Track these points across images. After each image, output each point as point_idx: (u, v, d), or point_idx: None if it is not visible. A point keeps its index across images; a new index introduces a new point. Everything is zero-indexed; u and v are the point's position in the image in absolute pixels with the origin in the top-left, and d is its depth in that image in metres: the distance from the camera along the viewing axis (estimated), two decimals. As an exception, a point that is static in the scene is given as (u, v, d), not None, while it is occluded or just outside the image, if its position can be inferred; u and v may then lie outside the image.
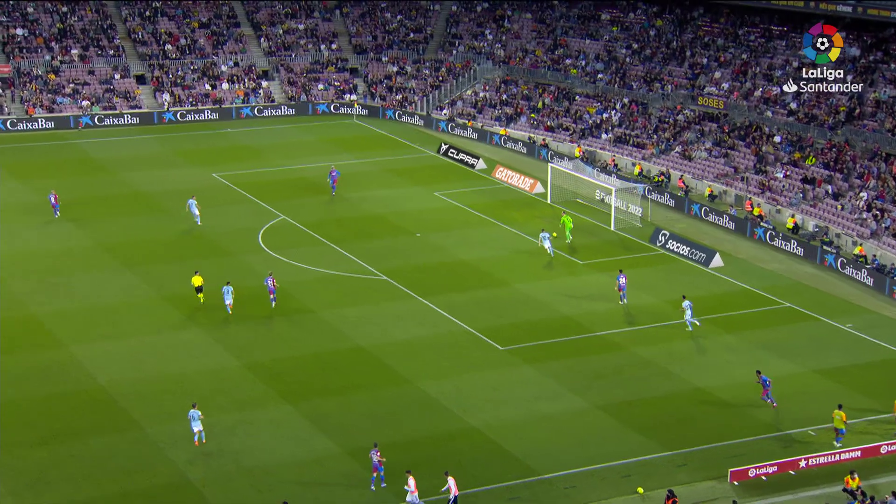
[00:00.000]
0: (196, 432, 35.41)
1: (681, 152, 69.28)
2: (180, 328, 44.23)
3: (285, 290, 48.22)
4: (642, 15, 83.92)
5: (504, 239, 56.81)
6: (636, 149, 71.59)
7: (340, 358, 42.09)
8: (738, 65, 73.89)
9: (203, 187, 63.86)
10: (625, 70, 79.49)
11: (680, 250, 54.94)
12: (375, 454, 33.44)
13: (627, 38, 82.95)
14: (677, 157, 69.19)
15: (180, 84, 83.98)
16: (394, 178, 67.13)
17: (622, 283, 47.82)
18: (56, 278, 48.85)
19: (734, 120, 70.24)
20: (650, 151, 70.63)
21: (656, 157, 70.03)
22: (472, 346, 43.56)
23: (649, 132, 72.64)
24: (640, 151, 71.12)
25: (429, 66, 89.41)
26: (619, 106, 76.59)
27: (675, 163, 68.54)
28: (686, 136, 70.75)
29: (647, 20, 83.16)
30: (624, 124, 74.78)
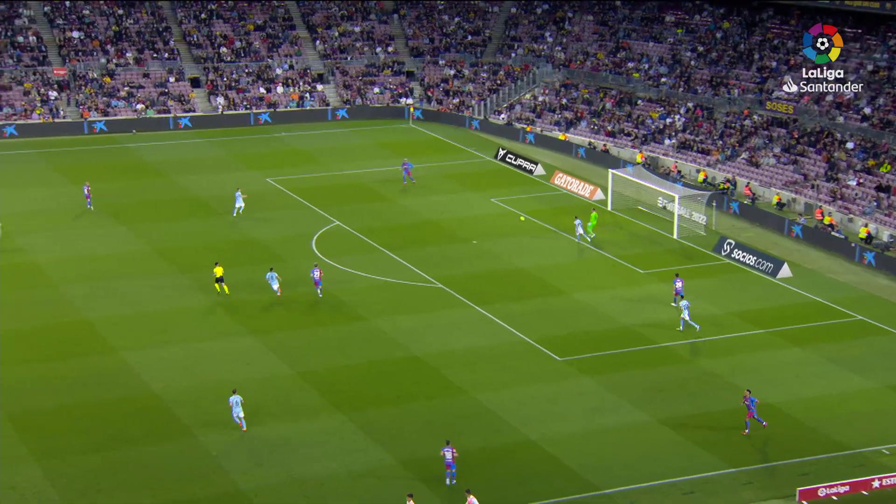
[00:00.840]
0: (238, 418, 36.50)
1: (747, 159, 68.59)
2: (233, 335, 44.79)
3: (339, 298, 48.59)
4: (708, 17, 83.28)
5: (562, 247, 56.68)
6: (701, 155, 71.02)
7: (395, 367, 42.30)
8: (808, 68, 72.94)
9: (257, 192, 64.59)
10: (689, 74, 78.92)
11: (746, 260, 54.38)
12: (449, 451, 33.98)
13: (693, 40, 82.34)
14: (744, 163, 68.50)
15: (234, 87, 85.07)
16: (449, 184, 67.32)
17: (678, 288, 48.16)
18: (109, 283, 49.75)
19: (804, 125, 69.38)
20: (715, 158, 70.01)
21: (722, 163, 69.41)
22: (529, 356, 43.53)
23: (714, 138, 72.03)
24: (705, 157, 70.54)
25: (487, 69, 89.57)
26: (683, 111, 76.05)
27: (742, 170, 67.87)
28: (753, 141, 70.03)
29: (714, 22, 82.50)
30: (688, 129, 74.23)
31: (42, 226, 57.50)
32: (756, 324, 46.98)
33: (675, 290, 48.42)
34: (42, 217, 59.05)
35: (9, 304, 46.93)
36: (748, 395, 37.34)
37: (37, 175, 67.05)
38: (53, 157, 71.30)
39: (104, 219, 59.09)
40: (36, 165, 69.55)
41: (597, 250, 56.10)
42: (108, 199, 62.40)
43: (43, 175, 67.04)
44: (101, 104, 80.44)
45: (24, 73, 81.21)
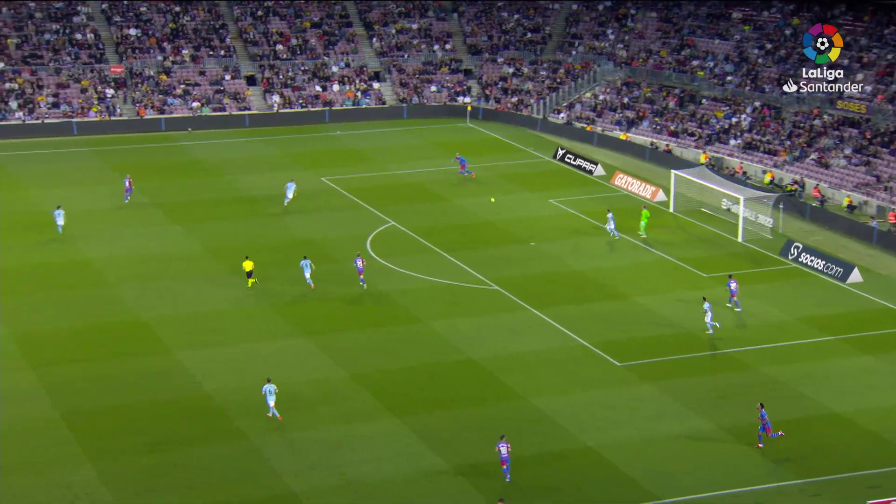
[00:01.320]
0: (271, 406, 37.47)
1: (817, 160, 67.53)
2: (287, 335, 45.10)
3: (394, 300, 48.71)
4: (777, 13, 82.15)
5: (623, 249, 56.26)
6: (767, 155, 70.09)
7: (450, 370, 42.28)
8: (882, 66, 71.67)
9: (311, 191, 65.00)
10: (756, 72, 77.93)
11: (814, 264, 53.53)
12: (504, 446, 34.08)
13: (760, 37, 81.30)
14: (813, 164, 67.46)
15: (290, 85, 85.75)
16: (507, 184, 67.19)
17: (733, 289, 48.05)
18: (163, 282, 50.38)
19: (877, 125, 68.13)
20: (783, 158, 69.04)
21: (789, 164, 68.43)
22: (587, 361, 43.26)
23: (782, 138, 71.05)
24: (772, 158, 69.60)
25: (546, 67, 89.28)
26: (749, 110, 75.13)
27: (811, 171, 66.84)
28: (823, 142, 68.94)
29: (783, 18, 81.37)
30: (754, 129, 73.31)
31: (97, 224, 58.41)
32: (824, 330, 46.21)
33: (730, 292, 48.30)
34: (97, 215, 59.99)
35: (64, 303, 47.74)
36: (760, 409, 36.70)
37: (92, 173, 68.15)
38: (109, 156, 72.42)
39: (159, 217, 59.86)
40: (91, 163, 70.72)
41: (658, 253, 55.60)
42: (162, 198, 63.22)
43: (98, 173, 68.11)
44: (157, 102, 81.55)
45: (81, 71, 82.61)
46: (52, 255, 53.40)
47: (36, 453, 35.73)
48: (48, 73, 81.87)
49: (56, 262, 52.51)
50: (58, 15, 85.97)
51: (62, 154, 72.94)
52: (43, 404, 38.85)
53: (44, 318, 46.08)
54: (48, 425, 37.43)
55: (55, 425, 37.47)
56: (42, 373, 41.12)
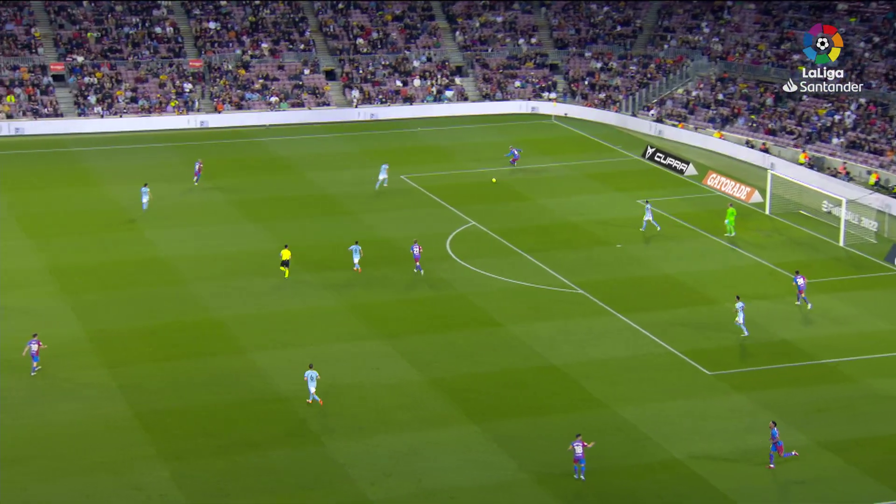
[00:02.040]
0: (312, 392, 39.10)
1: (926, 159, 65.85)
2: (362, 338, 45.42)
3: (473, 302, 48.76)
4: (885, 4, 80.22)
5: (714, 253, 55.53)
6: (873, 155, 68.54)
7: (531, 377, 42.16)
8: None
9: (391, 190, 65.39)
10: (862, 67, 76.23)
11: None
12: (580, 444, 34.55)
13: (867, 30, 79.50)
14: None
15: (370, 80, 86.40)
16: (593, 184, 66.78)
17: (801, 285, 48.16)
18: (239, 281, 51.13)
19: None
20: (890, 158, 67.46)
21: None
22: (676, 369, 42.77)
23: (889, 137, 69.42)
24: (878, 158, 68.04)
25: (636, 61, 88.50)
26: (854, 107, 73.55)
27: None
28: (932, 140, 67.21)
29: (892, 10, 79.43)
30: (859, 127, 71.75)
31: (172, 221, 59.52)
32: (932, 341, 45.11)
33: (797, 288, 48.19)
34: (172, 212, 61.13)
35: (139, 301, 48.75)
36: (773, 427, 35.90)
37: (168, 170, 69.46)
38: (186, 151, 73.79)
39: (235, 215, 60.78)
40: (168, 159, 72.12)
41: (752, 256, 54.74)
42: (240, 195, 64.19)
43: (175, 170, 69.41)
44: (234, 97, 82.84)
45: (159, 65, 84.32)
46: (128, 252, 54.59)
47: (110, 453, 36.52)
48: (127, 68, 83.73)
49: (131, 260, 53.65)
50: (138, 8, 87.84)
51: (139, 150, 74.50)
52: (118, 404, 39.70)
53: (119, 316, 47.11)
54: (122, 425, 38.24)
55: (129, 425, 38.26)
56: (117, 372, 42.03)
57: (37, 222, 58.74)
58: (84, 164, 70.66)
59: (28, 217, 59.57)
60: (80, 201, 62.82)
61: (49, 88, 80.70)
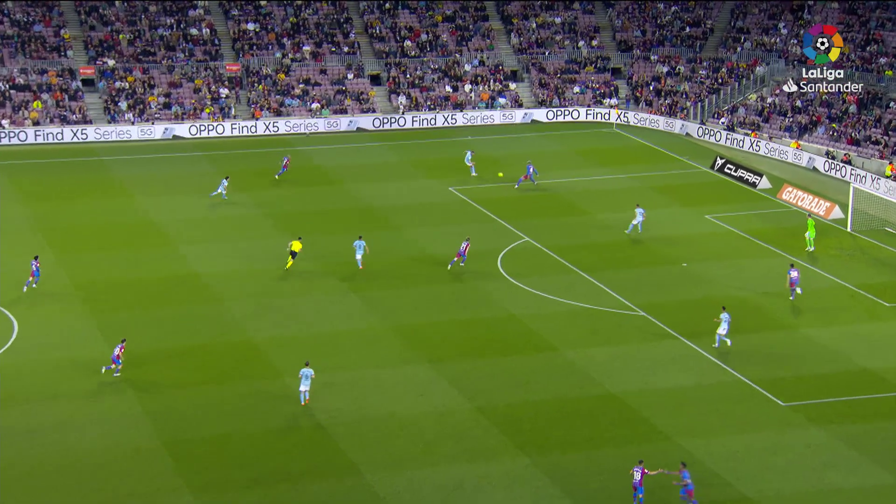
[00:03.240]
0: (302, 391, 41.31)
1: None
2: (406, 362, 45.46)
3: (526, 325, 48.61)
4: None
5: (791, 273, 54.97)
6: (965, 167, 67.55)
7: (587, 406, 41.94)
8: None
9: (438, 203, 65.48)
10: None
11: None
12: (639, 471, 35.08)
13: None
14: None
15: (418, 85, 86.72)
16: (657, 197, 66.41)
17: (794, 278, 50.71)
18: (276, 301, 51.42)
19: None
20: (983, 171, 66.44)
21: None
22: (747, 399, 42.33)
23: (983, 147, 68.35)
24: (971, 171, 67.04)
25: (706, 65, 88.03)
26: (943, 114, 72.55)
27: None
28: None
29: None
30: (950, 137, 70.74)
31: (207, 235, 60.07)
32: None
33: (789, 281, 50.58)
34: (206, 226, 61.70)
35: (168, 321, 49.17)
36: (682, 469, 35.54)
37: (202, 180, 70.13)
38: (221, 161, 74.46)
39: (272, 230, 61.18)
40: (202, 169, 72.83)
41: (831, 278, 54.09)
42: (277, 208, 64.64)
43: (209, 180, 70.07)
44: (273, 103, 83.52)
45: (195, 69, 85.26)
46: (159, 268, 55.13)
47: (136, 484, 36.81)
48: (160, 72, 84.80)
49: (163, 277, 54.17)
50: (173, 9, 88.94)
51: (171, 159, 75.33)
52: (145, 431, 40.03)
53: (146, 336, 47.54)
54: (149, 454, 38.54)
55: (156, 454, 38.56)
56: (144, 397, 42.39)
57: (63, 235, 59.56)
58: (113, 173, 71.57)
59: (54, 230, 60.43)
60: (108, 213, 63.61)
61: (78, 94, 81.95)
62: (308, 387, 41.45)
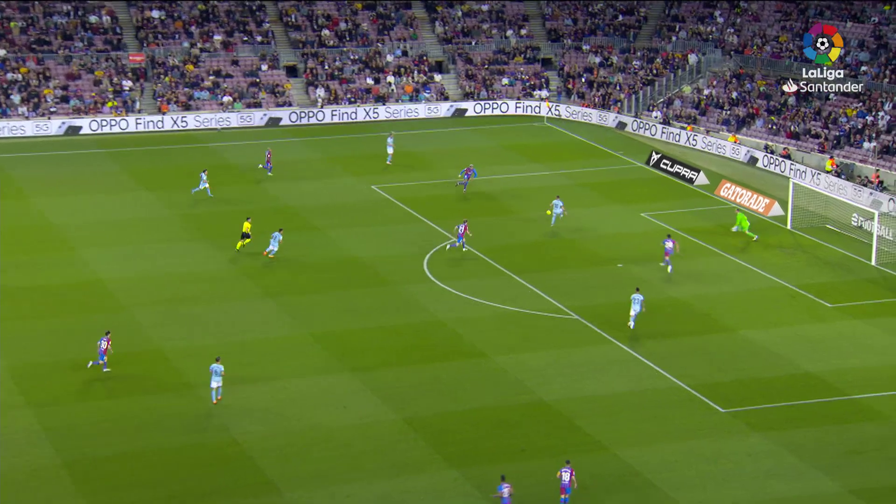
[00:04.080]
0: (213, 388, 41.82)
1: (968, 167, 66.43)
2: (328, 371, 45.37)
3: (454, 330, 48.76)
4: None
5: (729, 273, 55.77)
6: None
7: (519, 415, 42.19)
8: None
9: (359, 202, 65.42)
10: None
11: (964, 293, 52.60)
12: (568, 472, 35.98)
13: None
14: (963, 172, 66.39)
15: (337, 77, 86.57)
16: (591, 195, 67.01)
17: (668, 248, 54.25)
18: (186, 307, 51.00)
19: None
20: (926, 165, 68.06)
21: (935, 172, 67.45)
22: (685, 405, 42.88)
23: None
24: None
25: (640, 56, 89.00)
26: (888, 107, 74.17)
27: (961, 180, 65.78)
28: (976, 145, 67.81)
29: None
30: (894, 130, 72.34)
31: (110, 239, 59.40)
32: (976, 373, 45.41)
33: (665, 251, 53.95)
34: (111, 228, 61.00)
35: (70, 331, 48.53)
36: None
37: (107, 179, 69.30)
38: (126, 159, 73.63)
39: (182, 232, 60.66)
40: (105, 167, 71.98)
41: (772, 278, 55.02)
42: (188, 209, 64.12)
43: (113, 180, 69.26)
44: (181, 96, 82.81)
45: (95, 60, 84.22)
46: (58, 274, 54.39)
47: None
48: (57, 62, 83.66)
49: (63, 283, 53.46)
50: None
51: (72, 157, 74.30)
52: (44, 449, 39.47)
53: (46, 348, 46.88)
54: (48, 474, 38.00)
55: (56, 474, 38.03)
56: (43, 413, 41.80)
57: (-47, 240, 58.51)
58: (6, 172, 70.44)
59: (-57, 234, 59.35)
60: (2, 215, 62.58)
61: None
62: (219, 384, 41.89)
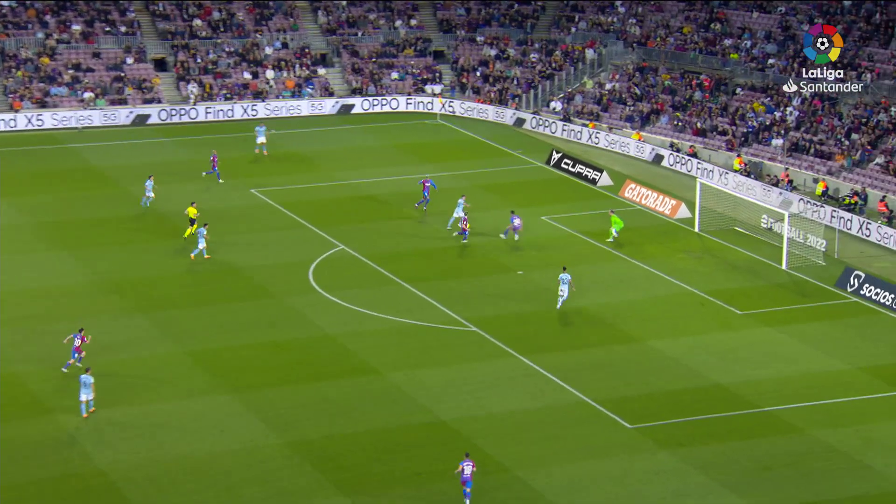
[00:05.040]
0: (84, 402, 42.22)
1: (883, 164, 68.26)
2: (205, 393, 44.98)
3: (343, 345, 48.74)
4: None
5: (635, 280, 56.56)
6: (820, 159, 70.74)
7: (415, 436, 42.29)
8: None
9: (237, 207, 65.01)
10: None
11: (881, 298, 54.04)
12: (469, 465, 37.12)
13: (811, 9, 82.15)
14: (878, 171, 68.18)
15: (211, 71, 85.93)
16: (488, 197, 67.45)
17: (516, 225, 58.92)
18: (46, 325, 50.15)
19: (956, 121, 68.89)
20: (839, 163, 69.72)
21: (848, 170, 69.11)
22: (590, 422, 43.38)
23: (839, 137, 71.74)
24: (826, 163, 70.26)
25: (539, 48, 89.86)
26: (797, 102, 75.86)
27: (876, 179, 67.56)
28: (892, 142, 69.71)
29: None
30: (803, 126, 74.00)
31: (-40, 250, 58.25)
32: (894, 383, 46.60)
33: (512, 227, 58.16)
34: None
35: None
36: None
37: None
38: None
39: (38, 242, 59.69)
40: (-46, 172, 70.57)
41: (679, 284, 55.94)
42: (45, 217, 63.10)
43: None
44: (36, 92, 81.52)
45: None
46: None
47: None
48: None
49: None
50: None
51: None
52: None
53: None
54: None
55: None
56: None
57: None
58: None
59: None
60: None
61: None
62: (90, 396, 42.05)
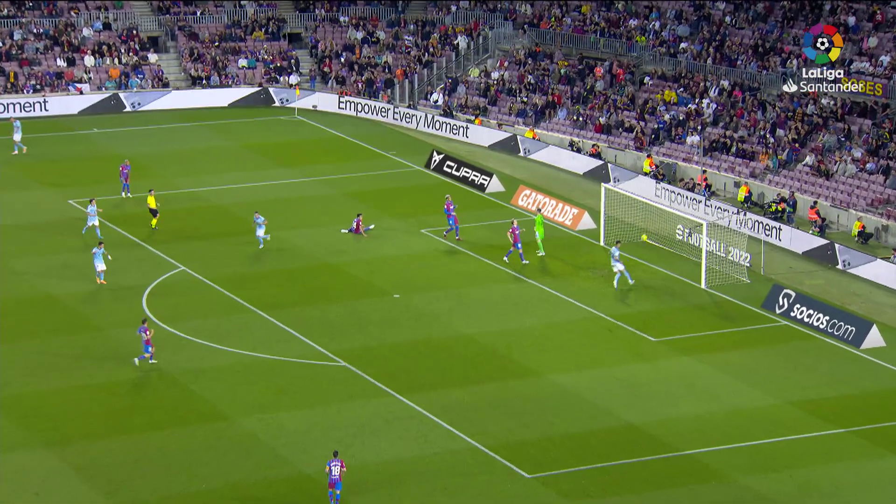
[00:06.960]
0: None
1: (813, 165, 69.39)
2: (14, 448, 44.15)
3: (186, 386, 48.20)
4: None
5: (531, 303, 56.82)
6: (741, 160, 71.70)
7: (273, 492, 41.98)
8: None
9: (55, 222, 64.06)
10: (723, 37, 79.89)
11: (813, 321, 54.84)
12: (337, 464, 39.22)
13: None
14: (807, 172, 69.28)
15: (16, 57, 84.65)
16: (358, 207, 67.29)
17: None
18: None
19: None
20: (763, 164, 70.75)
21: (773, 172, 70.14)
22: (483, 471, 43.40)
23: (762, 133, 72.82)
24: (748, 164, 71.26)
25: (413, 31, 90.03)
26: (714, 93, 76.91)
27: (805, 182, 68.63)
28: (822, 139, 70.86)
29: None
30: (722, 122, 75.02)
31: None
32: (831, 420, 47.31)
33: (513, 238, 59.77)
34: None
35: None
36: None
37: None
38: None
39: None
40: None
41: (583, 307, 56.27)
42: None
43: None
44: None
45: None
46: None
47: None
48: None
49: None
50: None
51: None
52: None
53: None
54: None
55: None
56: None
57: None
58: None
59: None
60: None
61: None
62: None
